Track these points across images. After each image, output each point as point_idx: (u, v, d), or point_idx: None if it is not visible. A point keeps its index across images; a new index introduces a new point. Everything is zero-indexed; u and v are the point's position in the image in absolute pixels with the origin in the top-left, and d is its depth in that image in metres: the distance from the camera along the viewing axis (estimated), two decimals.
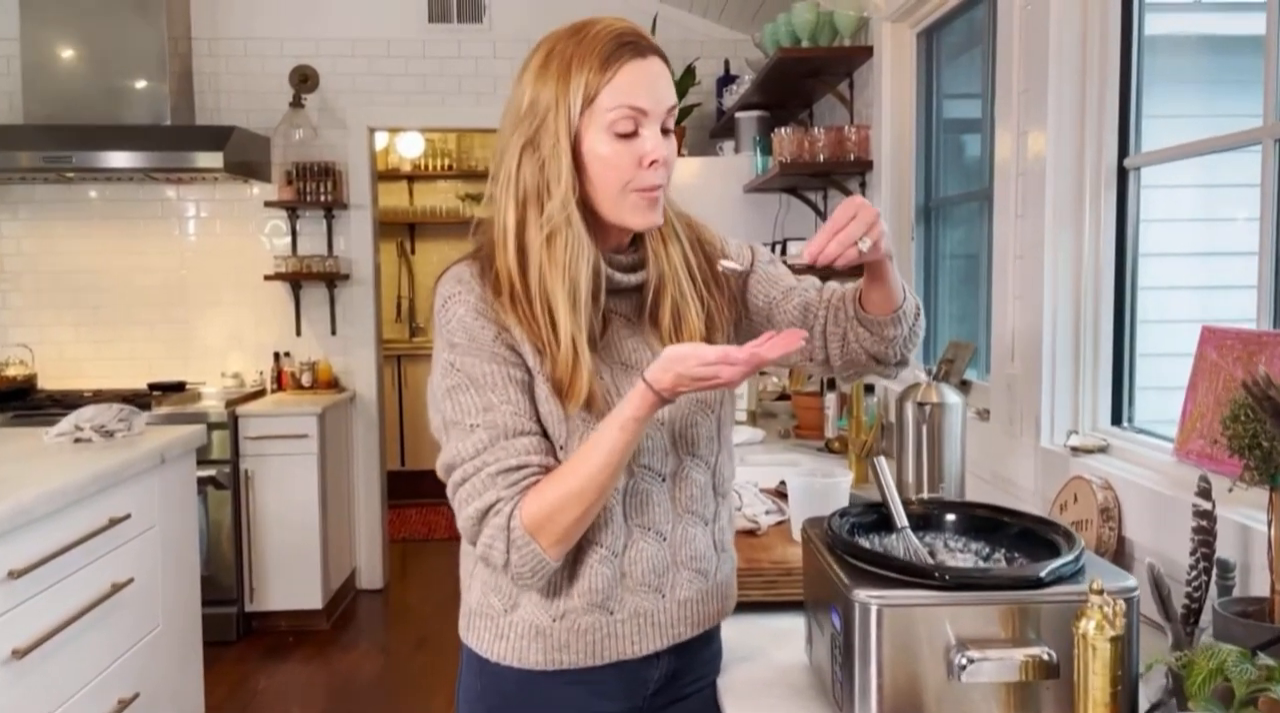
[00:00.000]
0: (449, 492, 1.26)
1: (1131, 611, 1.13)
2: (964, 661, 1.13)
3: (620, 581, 1.32)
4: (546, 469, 1.23)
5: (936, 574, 1.16)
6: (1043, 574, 1.16)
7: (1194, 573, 1.32)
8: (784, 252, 3.67)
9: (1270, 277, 1.57)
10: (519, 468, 1.22)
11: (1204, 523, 1.32)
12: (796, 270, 1.57)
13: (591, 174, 1.25)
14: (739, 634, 1.59)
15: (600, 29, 1.24)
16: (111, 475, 2.61)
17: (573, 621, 1.31)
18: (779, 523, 2.01)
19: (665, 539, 1.35)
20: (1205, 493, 1.33)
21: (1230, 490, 1.25)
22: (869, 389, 3.02)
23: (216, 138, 4.43)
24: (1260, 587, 1.33)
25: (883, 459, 1.45)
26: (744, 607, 1.69)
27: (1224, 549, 1.37)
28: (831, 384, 3.46)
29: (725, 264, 1.36)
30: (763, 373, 3.93)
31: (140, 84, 4.55)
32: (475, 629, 1.36)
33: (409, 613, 4.89)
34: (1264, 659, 1.02)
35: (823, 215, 4.14)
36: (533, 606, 1.31)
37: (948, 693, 1.14)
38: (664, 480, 1.35)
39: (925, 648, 1.15)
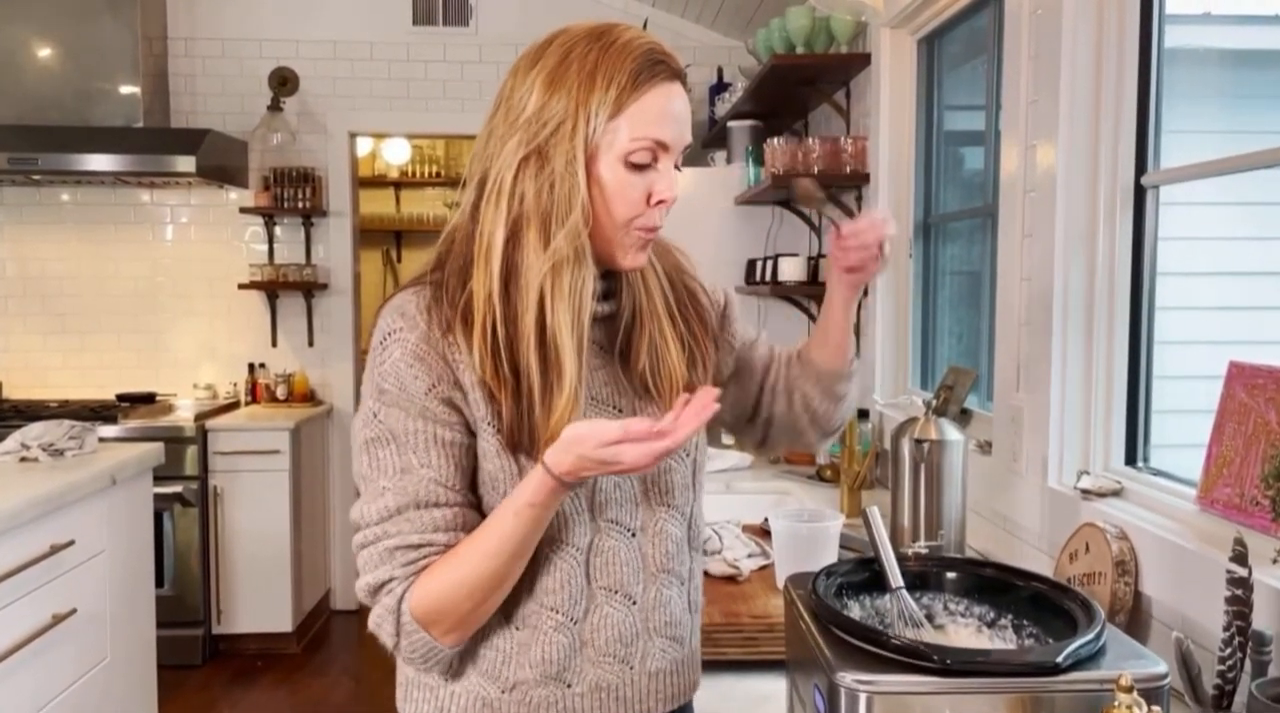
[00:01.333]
0: (353, 551, 1.14)
1: (1164, 705, 0.97)
2: None
3: (580, 650, 1.16)
4: (449, 548, 1.09)
5: (936, 657, 1.00)
6: (1059, 659, 1.00)
7: (1228, 649, 1.16)
8: (775, 268, 3.51)
9: None
10: (419, 546, 1.09)
11: (1239, 592, 1.16)
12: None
13: (594, 200, 1.09)
14: (714, 699, 1.43)
15: (630, 39, 1.10)
16: (54, 499, 2.44)
17: (524, 693, 1.15)
18: (762, 567, 1.85)
19: (635, 603, 1.18)
20: (1241, 558, 1.17)
21: (1275, 561, 1.09)
22: (863, 415, 2.87)
23: (190, 141, 4.27)
24: None
25: (876, 510, 1.29)
26: (720, 666, 1.53)
27: (1259, 619, 1.21)
28: None
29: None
30: None
31: (113, 85, 4.39)
32: (413, 701, 1.21)
33: None
34: None
35: (818, 231, 3.98)
36: (479, 676, 1.16)
37: None
38: (633, 536, 1.18)
39: None
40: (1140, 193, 1.80)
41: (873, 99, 3.10)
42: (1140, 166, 1.80)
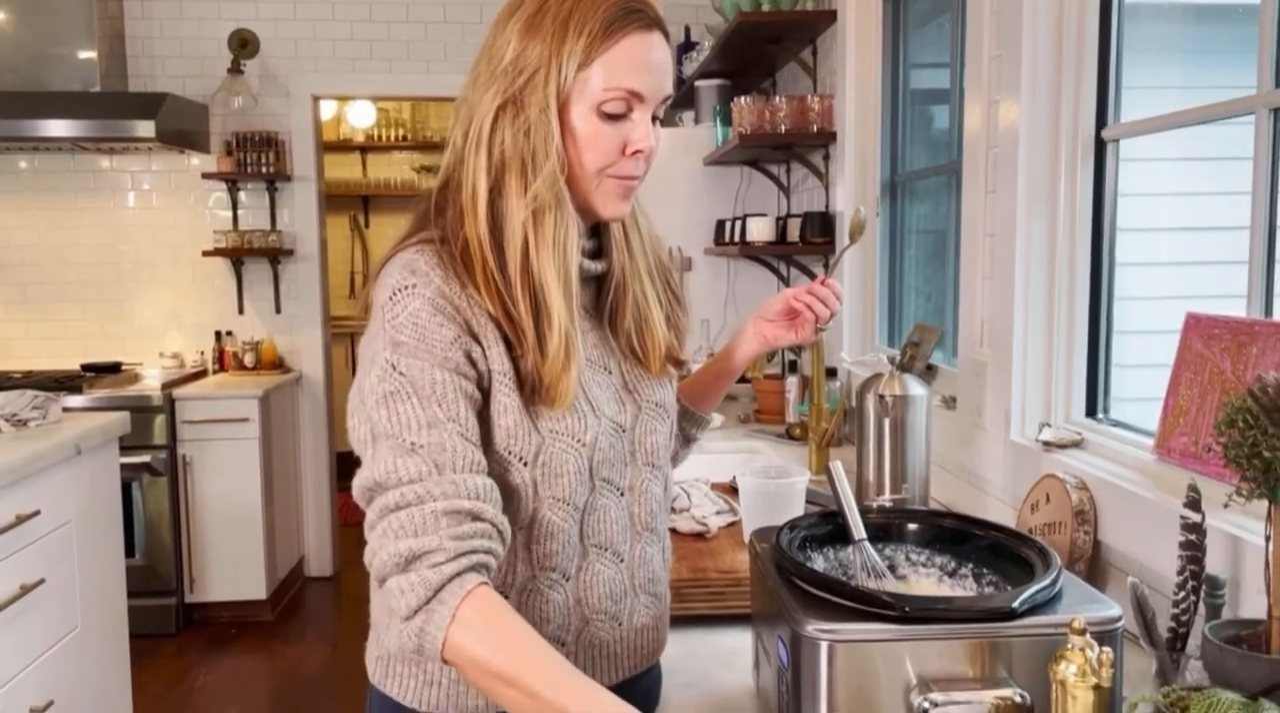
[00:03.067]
0: (371, 517, 1.02)
1: (1115, 646, 0.99)
2: (926, 703, 0.98)
3: (574, 608, 1.16)
4: (499, 531, 1.02)
5: (895, 605, 1.01)
6: (1016, 604, 1.01)
7: (1181, 593, 1.18)
8: (744, 229, 3.51)
9: (1263, 253, 1.43)
10: (472, 516, 1.00)
11: (1193, 537, 1.18)
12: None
13: (567, 149, 1.09)
14: (681, 653, 1.45)
15: None
16: (17, 469, 2.42)
17: None
18: (730, 524, 1.86)
19: (623, 561, 1.20)
20: (1194, 504, 1.19)
21: (1226, 506, 1.11)
22: (831, 373, 2.88)
23: (149, 105, 4.19)
24: (1252, 606, 1.20)
25: (839, 465, 1.30)
26: (688, 620, 1.55)
27: (1213, 563, 1.24)
28: (793, 367, 3.32)
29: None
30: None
31: (68, 49, 4.30)
32: (397, 676, 1.18)
33: (360, 601, 4.66)
34: (1268, 709, 0.88)
35: (786, 191, 3.98)
36: None
37: None
38: (622, 495, 1.19)
39: (883, 688, 1.01)
40: (1101, 148, 1.81)
41: (839, 57, 3.09)
42: (1101, 122, 1.81)
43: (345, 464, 4.87)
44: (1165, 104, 1.71)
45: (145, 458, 4.10)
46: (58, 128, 4.13)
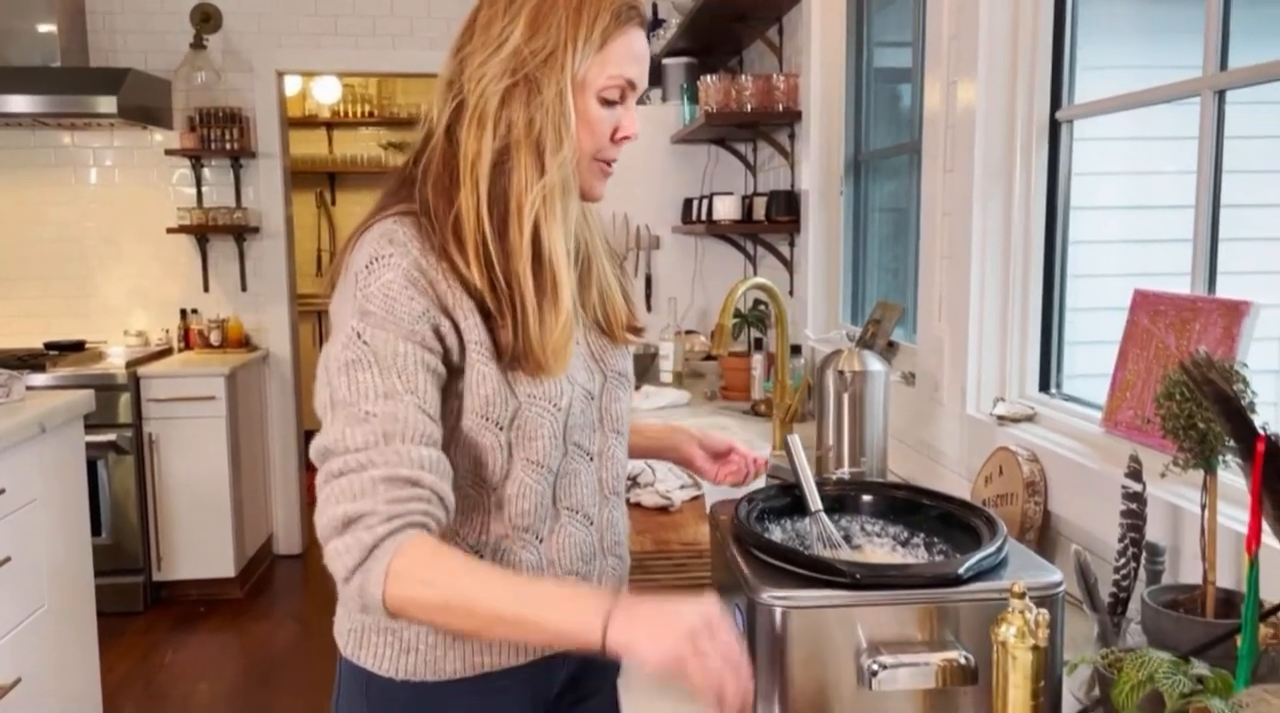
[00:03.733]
0: (319, 480, 1.05)
1: (1056, 611, 1.03)
2: (876, 665, 1.02)
3: (547, 569, 1.20)
4: (439, 497, 1.05)
5: (847, 572, 1.05)
6: (962, 571, 1.05)
7: (1122, 560, 1.23)
8: (711, 207, 3.53)
9: (1206, 232, 1.48)
10: (410, 482, 1.02)
11: (1134, 506, 1.23)
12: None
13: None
14: None
15: None
16: None
17: None
18: (694, 498, 1.90)
19: (593, 523, 1.25)
20: (1136, 474, 1.24)
21: (1163, 475, 1.16)
22: (795, 350, 2.92)
23: (111, 80, 4.14)
24: (1190, 573, 1.25)
25: (796, 438, 1.34)
26: (652, 591, 1.58)
27: (1155, 533, 1.29)
28: (759, 345, 3.36)
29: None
30: (689, 331, 3.82)
31: (27, 23, 4.23)
32: (370, 646, 1.20)
33: (328, 579, 4.61)
34: (1198, 668, 0.93)
35: (752, 169, 4.01)
36: None
37: (859, 701, 1.04)
38: (591, 460, 1.25)
39: (835, 652, 1.04)
40: (1055, 128, 1.85)
41: (804, 36, 3.11)
42: (1055, 103, 1.85)
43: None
44: (1119, 84, 1.75)
45: (111, 436, 4.08)
46: (18, 103, 4.07)
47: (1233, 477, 1.15)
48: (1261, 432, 0.86)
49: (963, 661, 1.03)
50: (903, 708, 1.04)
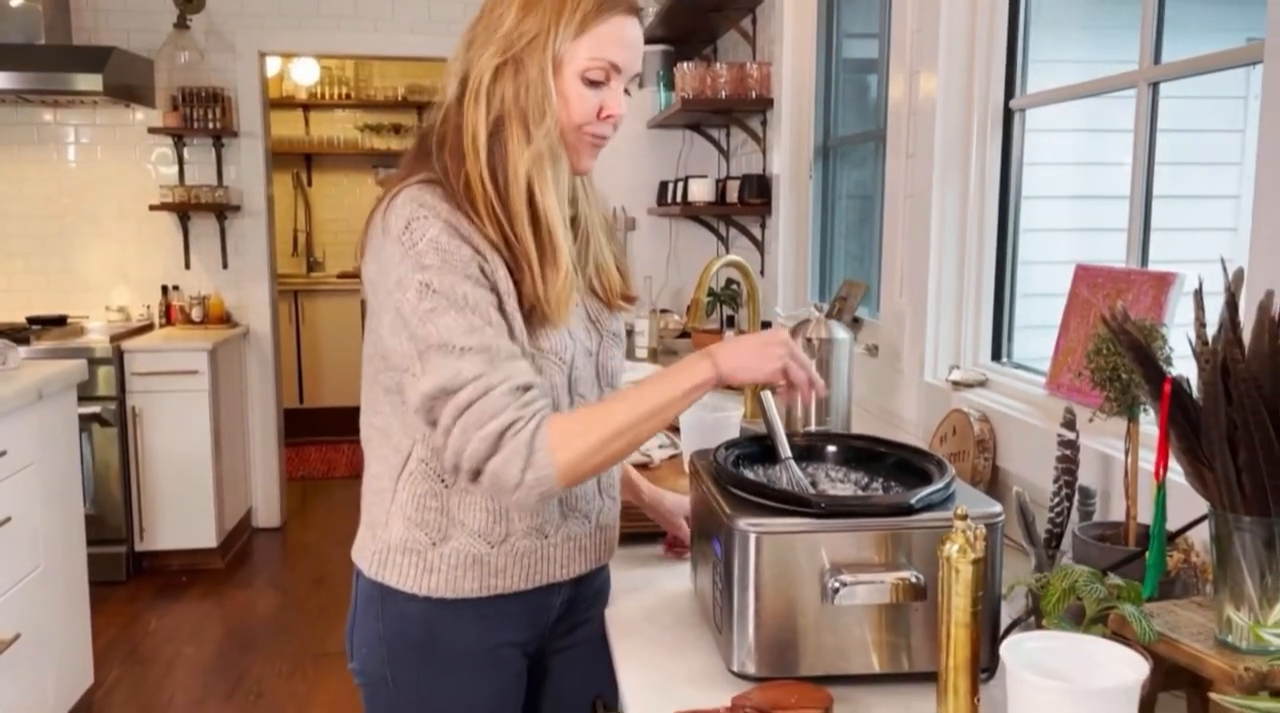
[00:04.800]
0: (446, 417, 1.17)
1: (994, 535, 1.18)
2: (837, 584, 1.16)
3: (557, 506, 1.35)
4: (547, 393, 1.23)
5: (812, 503, 1.19)
6: (913, 501, 1.20)
7: (1056, 499, 1.38)
8: (686, 190, 3.67)
9: (1140, 218, 1.63)
10: (525, 389, 1.19)
11: (1068, 452, 1.38)
12: None
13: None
14: (630, 566, 1.62)
15: None
16: None
17: (512, 545, 1.32)
18: (672, 456, 2.04)
19: None
20: (1070, 424, 1.39)
21: (1091, 421, 1.31)
22: (766, 326, 3.07)
23: (95, 59, 4.20)
24: (1119, 513, 1.40)
25: (769, 393, 1.47)
26: (635, 538, 1.72)
27: (1088, 478, 1.44)
28: (731, 321, 3.50)
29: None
30: (664, 310, 3.96)
31: (11, 0, 4.28)
32: (396, 566, 1.32)
33: (307, 551, 4.84)
34: (1114, 579, 1.08)
35: (725, 154, 4.14)
36: (467, 536, 1.30)
37: (822, 615, 1.18)
38: None
39: (801, 573, 1.18)
40: (1009, 116, 2.00)
41: (777, 26, 3.24)
42: (1009, 92, 2.00)
43: (293, 420, 5.03)
44: (1069, 77, 1.90)
45: (95, 409, 4.16)
46: (5, 80, 4.12)
47: (1153, 426, 1.30)
48: (1168, 374, 1.01)
49: (913, 579, 1.17)
50: (861, 620, 1.19)
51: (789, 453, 1.42)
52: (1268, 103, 1.17)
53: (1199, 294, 1.00)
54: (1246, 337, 0.95)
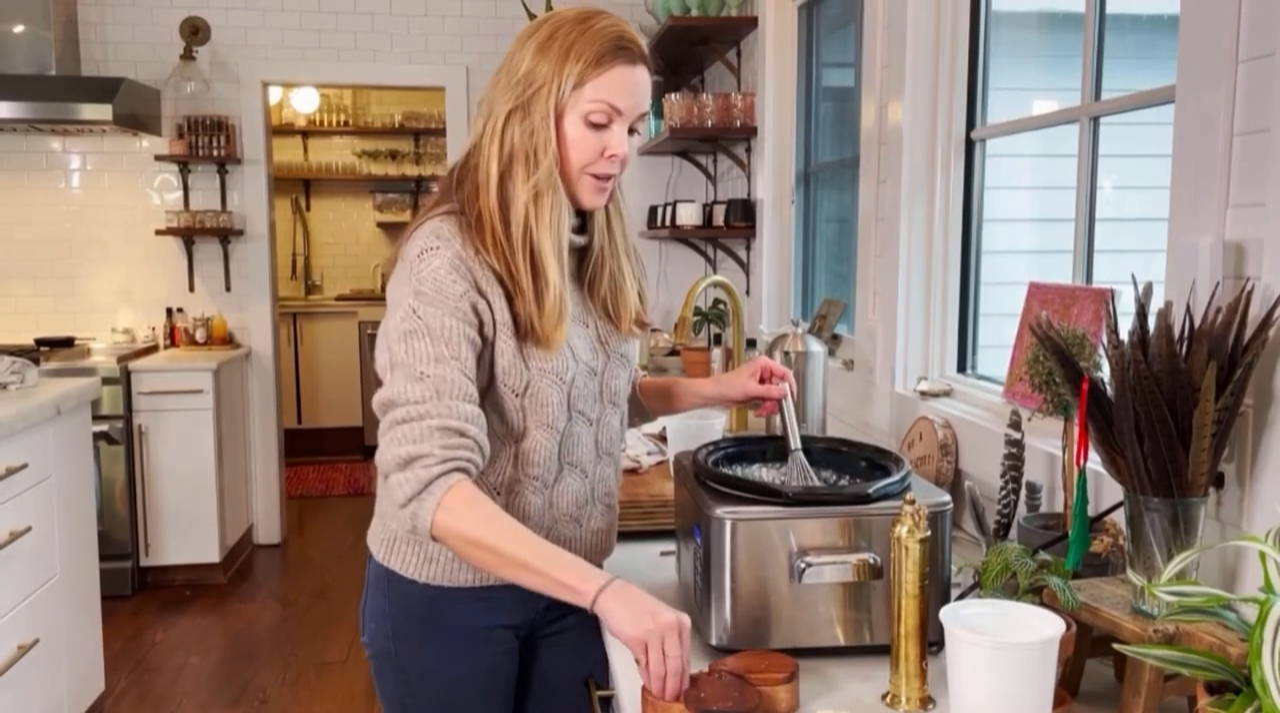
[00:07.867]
0: (383, 426, 1.30)
1: (942, 520, 1.33)
2: (804, 565, 1.31)
3: (547, 510, 1.47)
4: (479, 446, 1.30)
5: (782, 492, 1.34)
6: (870, 491, 1.34)
7: (1004, 493, 1.53)
8: (674, 214, 3.83)
9: (1084, 241, 1.79)
10: (459, 433, 1.28)
11: (1013, 450, 1.53)
12: None
13: (560, 148, 1.37)
14: (623, 558, 1.76)
15: (604, 26, 1.37)
16: (5, 426, 2.64)
17: None
18: (659, 463, 2.18)
19: (587, 476, 1.51)
20: (1016, 425, 1.54)
21: (1029, 420, 1.46)
22: (751, 344, 3.22)
23: (105, 89, 4.36)
24: (1062, 504, 1.55)
25: (789, 400, 1.60)
26: (626, 535, 1.86)
27: (1036, 475, 1.59)
28: (718, 340, 3.65)
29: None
30: (654, 330, 4.10)
31: (23, 32, 4.44)
32: (399, 554, 1.46)
33: (307, 566, 4.95)
34: (1044, 556, 1.22)
35: (712, 179, 4.31)
36: None
37: (790, 593, 1.33)
38: (591, 425, 1.50)
39: (772, 556, 1.33)
40: (970, 146, 2.16)
41: (760, 58, 3.42)
42: (970, 123, 2.16)
43: (293, 440, 5.17)
44: (1026, 104, 2.06)
45: (103, 427, 4.28)
46: (13, 109, 4.27)
47: None
48: (1085, 374, 1.16)
49: (872, 561, 1.32)
50: (826, 598, 1.33)
51: (799, 444, 1.55)
52: (1178, 136, 1.33)
53: (1109, 305, 1.15)
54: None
